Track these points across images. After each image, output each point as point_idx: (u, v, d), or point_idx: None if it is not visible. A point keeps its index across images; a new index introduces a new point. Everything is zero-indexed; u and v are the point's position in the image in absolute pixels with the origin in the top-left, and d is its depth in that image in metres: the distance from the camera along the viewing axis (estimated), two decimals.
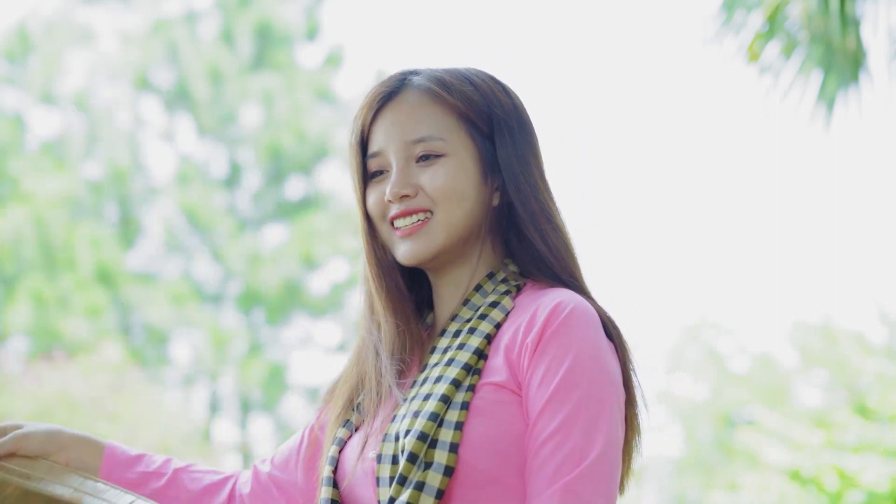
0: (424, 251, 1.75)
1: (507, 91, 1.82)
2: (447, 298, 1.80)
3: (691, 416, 17.56)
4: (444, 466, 1.60)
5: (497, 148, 1.78)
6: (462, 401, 1.63)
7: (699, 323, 18.45)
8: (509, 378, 1.65)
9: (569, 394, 1.61)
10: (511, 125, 1.79)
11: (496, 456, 1.62)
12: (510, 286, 1.76)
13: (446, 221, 1.75)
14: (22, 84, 16.41)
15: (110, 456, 1.90)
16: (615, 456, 1.60)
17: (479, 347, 1.68)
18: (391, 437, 1.66)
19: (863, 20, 5.43)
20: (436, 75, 1.80)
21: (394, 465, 1.64)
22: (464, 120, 1.78)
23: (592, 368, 1.63)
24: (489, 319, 1.71)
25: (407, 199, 1.76)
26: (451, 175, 1.75)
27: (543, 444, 1.60)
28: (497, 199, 1.78)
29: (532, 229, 1.76)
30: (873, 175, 25.89)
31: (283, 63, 16.86)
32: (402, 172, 1.77)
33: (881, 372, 8.91)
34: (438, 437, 1.61)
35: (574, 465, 1.57)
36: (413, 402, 1.68)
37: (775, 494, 8.54)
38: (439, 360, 1.71)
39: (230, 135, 16.90)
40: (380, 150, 1.79)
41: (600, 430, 1.59)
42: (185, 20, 16.88)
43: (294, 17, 17.16)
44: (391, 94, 1.81)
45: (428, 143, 1.76)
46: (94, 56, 16.90)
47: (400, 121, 1.79)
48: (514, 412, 1.63)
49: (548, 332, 1.64)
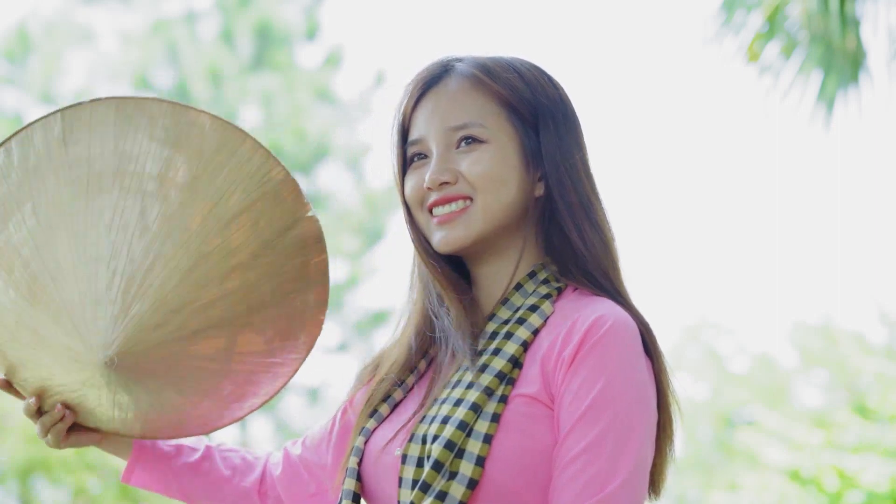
0: (462, 238, 1.71)
1: (552, 82, 1.79)
2: (487, 291, 1.75)
3: (691, 416, 17.56)
4: (468, 479, 1.57)
5: (541, 137, 1.74)
6: (493, 412, 1.60)
7: (699, 323, 18.46)
8: (542, 390, 1.62)
9: (599, 414, 1.57)
10: (556, 116, 1.76)
11: (522, 471, 1.58)
12: (551, 288, 1.71)
13: (486, 208, 1.70)
14: (22, 84, 16.42)
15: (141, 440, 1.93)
16: (641, 481, 1.57)
17: (515, 355, 1.64)
18: (418, 437, 1.63)
19: (863, 20, 5.43)
20: (479, 62, 1.76)
21: (418, 467, 1.61)
22: (507, 107, 1.74)
23: (626, 389, 1.59)
24: (527, 325, 1.67)
25: (446, 185, 1.72)
26: (492, 161, 1.71)
27: (569, 465, 1.56)
28: (540, 189, 1.74)
29: (570, 222, 1.71)
30: (873, 175, 25.90)
31: (282, 63, 16.87)
32: (441, 159, 1.73)
33: (881, 372, 8.92)
34: (466, 448, 1.58)
35: (597, 490, 1.54)
36: (444, 405, 1.64)
37: (775, 494, 8.54)
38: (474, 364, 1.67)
39: None
40: (420, 136, 1.76)
41: (628, 454, 1.56)
42: (185, 20, 16.89)
43: (294, 17, 17.17)
44: (433, 81, 1.77)
45: (469, 129, 1.72)
46: (94, 56, 16.91)
47: (441, 107, 1.74)
48: (544, 427, 1.60)
49: (584, 348, 1.60)
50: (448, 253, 1.73)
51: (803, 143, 30.22)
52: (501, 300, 1.72)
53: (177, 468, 1.93)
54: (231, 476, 1.94)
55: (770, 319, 25.88)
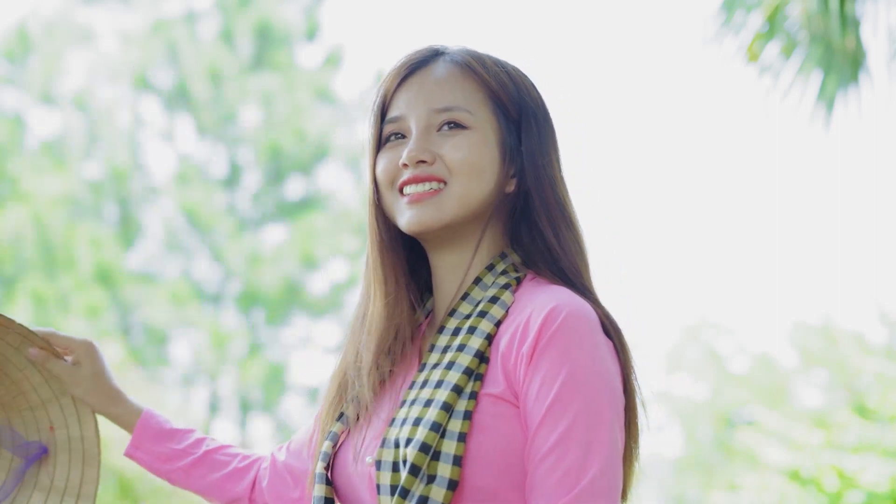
0: (433, 220, 1.68)
1: (536, 87, 1.78)
2: (447, 282, 1.73)
3: (691, 416, 17.57)
4: (447, 480, 1.55)
5: (522, 135, 1.73)
6: (465, 409, 1.58)
7: (699, 323, 18.46)
8: (506, 389, 1.59)
9: (565, 408, 1.55)
10: (539, 118, 1.75)
11: (499, 472, 1.57)
12: (510, 278, 1.69)
13: (461, 194, 1.68)
14: (22, 84, 16.41)
15: (144, 425, 1.95)
16: (615, 469, 1.55)
17: (480, 350, 1.62)
18: (390, 442, 1.60)
19: (862, 20, 5.43)
20: (471, 52, 1.75)
21: (394, 472, 1.58)
22: (493, 99, 1.72)
23: (589, 378, 1.57)
24: (489, 317, 1.65)
25: (423, 164, 1.69)
26: (474, 149, 1.69)
27: (541, 462, 1.55)
28: (512, 186, 1.72)
29: (546, 221, 1.70)
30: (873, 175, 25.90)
31: (282, 63, 16.86)
32: (421, 138, 1.70)
33: (881, 372, 8.91)
34: (441, 449, 1.56)
35: (572, 484, 1.53)
36: (413, 406, 1.61)
37: (775, 494, 8.54)
38: (439, 361, 1.65)
39: (230, 135, 16.89)
40: (400, 115, 1.73)
41: (599, 445, 1.54)
42: (185, 20, 16.88)
43: (294, 17, 17.16)
44: (421, 63, 1.75)
45: (454, 113, 1.70)
46: (94, 56, 16.90)
47: (427, 88, 1.72)
48: (514, 426, 1.58)
49: (542, 342, 1.58)
50: (416, 233, 1.70)
51: (803, 143, 30.23)
52: (461, 294, 1.70)
53: (169, 471, 1.96)
54: (225, 479, 1.94)
55: (770, 319, 25.90)
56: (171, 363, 16.21)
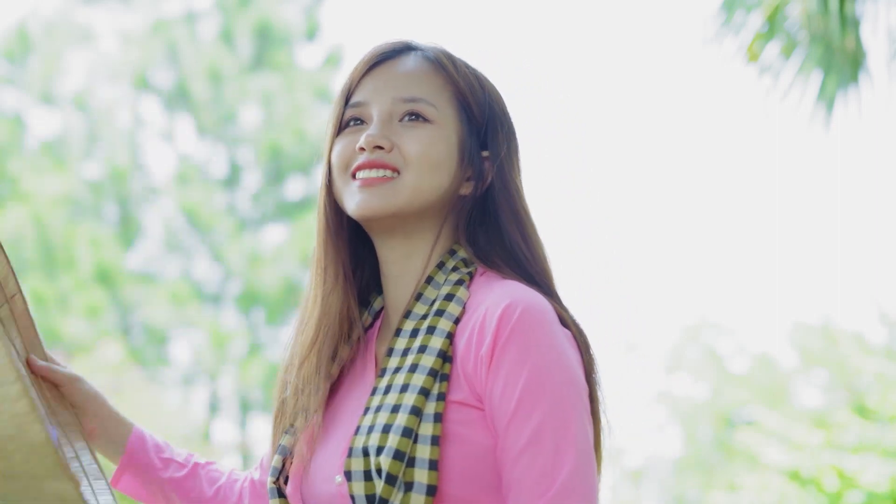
0: (381, 207, 1.65)
1: (503, 98, 1.77)
2: (396, 279, 1.70)
3: (691, 416, 17.57)
4: (425, 486, 1.52)
5: (488, 141, 1.72)
6: (434, 412, 1.55)
7: (699, 323, 18.45)
8: (470, 394, 1.57)
9: (532, 407, 1.53)
10: (505, 126, 1.74)
11: (472, 479, 1.55)
12: (462, 274, 1.66)
13: (413, 185, 1.65)
14: (22, 84, 16.42)
15: (138, 437, 1.91)
16: (589, 461, 1.53)
17: (443, 349, 1.59)
18: (358, 451, 1.55)
19: (862, 20, 5.43)
20: (444, 51, 1.74)
21: (367, 481, 1.54)
22: (459, 100, 1.71)
23: (552, 373, 1.54)
24: (447, 315, 1.62)
25: (379, 151, 1.66)
26: (433, 143, 1.67)
27: (514, 465, 1.53)
28: (467, 189, 1.70)
29: (514, 227, 1.69)
30: (873, 175, 25.91)
31: (282, 63, 16.87)
32: (382, 125, 1.68)
33: (881, 372, 8.92)
34: (416, 455, 1.53)
35: (548, 484, 1.51)
36: (380, 413, 1.57)
37: (775, 495, 8.54)
38: (401, 365, 1.61)
39: (230, 135, 16.90)
40: (364, 100, 1.71)
41: (570, 440, 1.52)
42: (185, 20, 16.89)
43: (294, 18, 17.17)
44: (392, 55, 1.74)
45: (418, 105, 1.68)
46: (94, 56, 16.91)
47: (394, 78, 1.71)
48: (482, 430, 1.56)
49: (500, 342, 1.55)
50: (364, 218, 1.67)
51: (803, 143, 30.24)
52: (415, 295, 1.67)
53: (163, 481, 1.90)
54: (212, 498, 1.90)
55: (770, 319, 25.90)
56: (170, 363, 16.21)
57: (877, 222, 23.81)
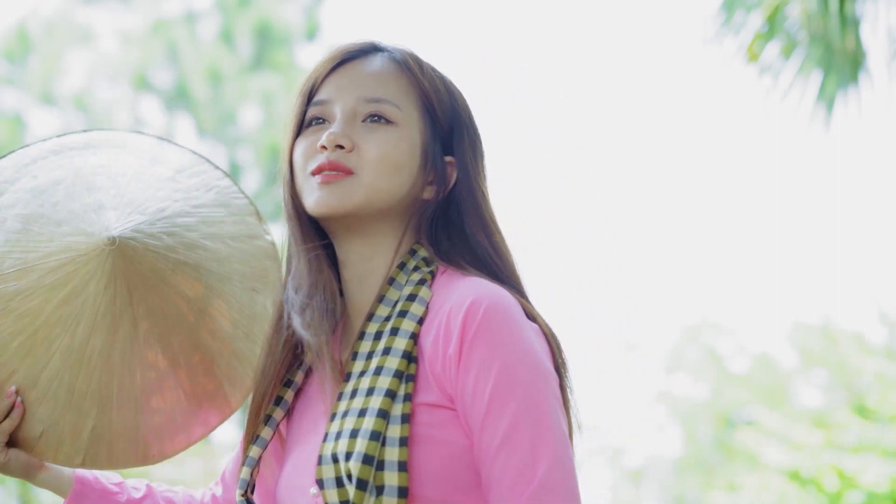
0: (338, 204, 1.64)
1: (469, 104, 1.75)
2: (356, 281, 1.69)
3: (691, 416, 17.57)
4: (396, 489, 1.51)
5: (454, 146, 1.71)
6: (401, 413, 1.53)
7: (699, 323, 18.45)
8: (440, 395, 1.56)
9: (504, 404, 1.52)
10: (471, 133, 1.73)
11: (446, 480, 1.54)
12: (423, 273, 1.65)
13: (370, 185, 1.64)
14: (22, 84, 16.42)
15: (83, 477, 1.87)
16: (566, 454, 1.52)
17: (407, 350, 1.57)
18: (327, 458, 1.54)
19: (862, 20, 5.44)
20: (412, 53, 1.73)
21: (340, 488, 1.53)
22: (424, 102, 1.70)
23: (521, 369, 1.53)
24: (410, 315, 1.60)
25: (340, 150, 1.65)
26: (394, 145, 1.66)
27: (492, 464, 1.51)
28: (429, 193, 1.70)
29: (481, 232, 1.68)
30: (873, 175, 25.90)
31: (282, 63, 16.87)
32: (345, 124, 1.67)
33: (881, 372, 8.93)
34: (385, 458, 1.52)
35: (528, 481, 1.50)
36: (347, 418, 1.55)
37: (775, 495, 8.55)
38: (365, 368, 1.59)
39: (230, 135, 16.91)
40: (327, 98, 1.71)
41: (545, 434, 1.51)
42: (185, 20, 16.89)
43: (294, 18, 17.17)
44: (358, 54, 1.73)
45: (381, 105, 1.67)
46: (94, 56, 16.91)
47: (359, 78, 1.70)
48: (454, 430, 1.55)
49: (467, 342, 1.54)
50: (322, 215, 1.66)
51: (803, 143, 30.24)
52: (378, 297, 1.65)
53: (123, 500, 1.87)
54: None
55: (770, 319, 25.88)
56: None
57: (877, 222, 23.81)
